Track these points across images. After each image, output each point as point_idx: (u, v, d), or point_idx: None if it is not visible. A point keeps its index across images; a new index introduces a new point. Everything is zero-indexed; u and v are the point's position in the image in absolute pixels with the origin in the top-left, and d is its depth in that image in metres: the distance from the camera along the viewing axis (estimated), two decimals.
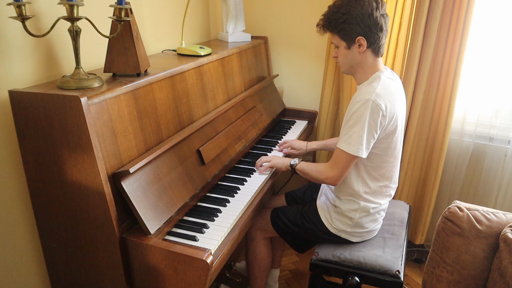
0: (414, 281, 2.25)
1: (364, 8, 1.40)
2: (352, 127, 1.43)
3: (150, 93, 1.41)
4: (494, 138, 2.10)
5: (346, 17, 1.42)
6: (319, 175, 1.55)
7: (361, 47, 1.45)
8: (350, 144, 1.43)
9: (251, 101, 2.14)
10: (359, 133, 1.41)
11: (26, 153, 1.25)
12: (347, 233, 1.61)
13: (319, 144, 1.99)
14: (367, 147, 1.44)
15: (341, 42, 1.48)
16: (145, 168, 1.30)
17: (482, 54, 2.04)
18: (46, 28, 1.24)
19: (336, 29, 1.46)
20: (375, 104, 1.39)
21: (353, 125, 1.43)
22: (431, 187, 2.19)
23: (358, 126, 1.41)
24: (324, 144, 1.98)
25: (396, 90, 1.50)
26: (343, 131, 1.47)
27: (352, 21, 1.42)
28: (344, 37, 1.46)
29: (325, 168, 1.53)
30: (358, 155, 1.43)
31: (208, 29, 2.49)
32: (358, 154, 1.43)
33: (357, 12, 1.41)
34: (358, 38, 1.43)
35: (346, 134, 1.45)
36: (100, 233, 1.23)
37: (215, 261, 1.21)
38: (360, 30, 1.42)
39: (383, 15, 1.44)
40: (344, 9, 1.42)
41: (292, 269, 2.35)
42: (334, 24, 1.46)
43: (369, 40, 1.44)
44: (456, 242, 1.34)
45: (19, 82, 1.29)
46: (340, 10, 1.43)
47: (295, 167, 1.65)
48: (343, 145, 1.45)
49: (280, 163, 1.73)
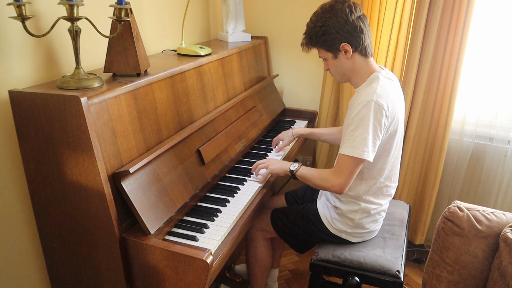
0: (414, 281, 2.25)
1: (339, 16, 1.42)
2: (355, 130, 1.39)
3: (150, 93, 1.41)
4: (494, 138, 2.10)
5: (324, 29, 1.44)
6: (323, 183, 1.48)
7: (347, 53, 1.46)
8: (355, 147, 1.39)
9: (251, 101, 2.14)
10: (363, 135, 1.38)
11: (26, 153, 1.25)
12: (347, 233, 1.61)
13: (308, 132, 1.99)
14: (373, 150, 1.40)
15: (327, 53, 1.49)
16: (145, 168, 1.30)
17: (482, 54, 2.04)
18: (46, 28, 1.24)
19: (319, 42, 1.48)
20: (378, 104, 1.37)
21: (355, 128, 1.39)
22: (431, 187, 2.19)
23: (361, 128, 1.38)
24: (312, 131, 1.99)
25: (395, 90, 1.50)
26: (345, 136, 1.43)
27: (331, 31, 1.43)
28: (328, 48, 1.47)
29: (330, 176, 1.46)
30: (364, 158, 1.38)
31: (208, 29, 2.49)
32: (364, 157, 1.38)
33: (333, 21, 1.42)
34: (341, 45, 1.44)
35: (349, 139, 1.41)
36: (100, 233, 1.23)
37: (215, 261, 1.21)
38: (342, 37, 1.43)
39: (360, 17, 1.44)
40: (320, 22, 1.45)
41: (292, 269, 2.35)
42: (315, 38, 1.48)
43: (353, 45, 1.44)
44: (456, 242, 1.34)
45: (19, 82, 1.29)
46: (317, 24, 1.46)
47: (295, 172, 1.58)
48: (347, 149, 1.40)
49: (278, 168, 1.65)
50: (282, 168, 1.64)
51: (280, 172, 1.65)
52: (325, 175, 1.49)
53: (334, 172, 1.45)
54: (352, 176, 1.44)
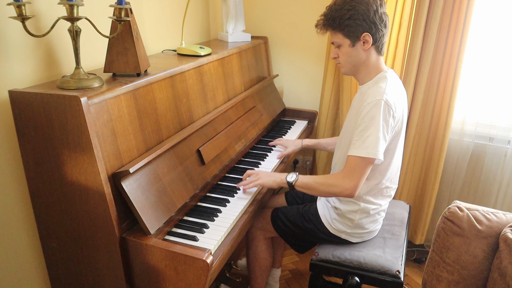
0: (414, 281, 2.25)
1: (369, 5, 1.39)
2: (365, 131, 1.37)
3: (150, 93, 1.41)
4: (494, 138, 2.10)
5: (352, 12, 1.40)
6: (333, 189, 1.42)
7: (366, 44, 1.43)
8: (367, 148, 1.35)
9: (251, 101, 2.14)
10: (375, 135, 1.35)
11: (26, 153, 1.25)
12: (347, 234, 1.61)
13: (314, 142, 1.99)
14: (382, 149, 1.38)
15: (345, 40, 1.45)
16: (145, 168, 1.30)
17: (482, 54, 2.04)
18: (46, 28, 1.24)
19: (341, 26, 1.43)
20: (387, 104, 1.36)
21: (366, 128, 1.37)
22: (431, 187, 2.19)
23: (372, 128, 1.36)
24: (318, 142, 1.98)
25: (400, 90, 1.50)
26: (355, 136, 1.40)
27: (359, 17, 1.39)
28: (349, 34, 1.43)
29: (340, 180, 1.40)
30: (377, 158, 1.36)
31: (208, 29, 2.49)
32: (377, 157, 1.35)
33: (363, 8, 1.39)
34: (363, 34, 1.41)
35: (359, 140, 1.38)
36: (100, 233, 1.23)
37: (215, 261, 1.21)
38: (366, 26, 1.40)
39: (385, 13, 1.44)
40: (349, 5, 1.40)
41: (292, 269, 2.35)
42: (339, 21, 1.42)
43: (374, 37, 1.42)
44: (456, 242, 1.34)
45: (19, 82, 1.29)
46: (345, 7, 1.41)
47: (294, 183, 1.49)
48: (358, 151, 1.37)
49: (270, 181, 1.55)
50: (275, 181, 1.55)
51: (274, 185, 1.56)
52: (333, 180, 1.43)
53: (344, 176, 1.40)
54: (364, 177, 1.40)
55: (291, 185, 1.51)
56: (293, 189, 1.51)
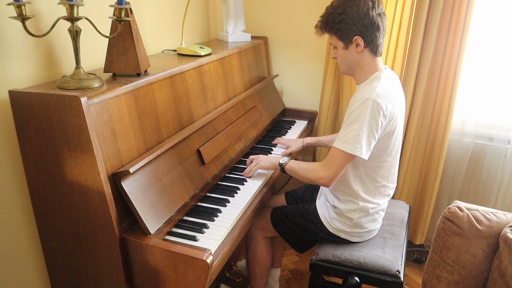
0: (414, 281, 2.25)
1: (360, 8, 1.41)
2: (350, 126, 1.41)
3: (150, 93, 1.41)
4: (494, 138, 2.10)
5: (342, 17, 1.42)
6: (310, 174, 1.50)
7: (358, 47, 1.45)
8: (346, 142, 1.41)
9: (251, 101, 2.14)
10: (357, 132, 1.39)
11: (26, 153, 1.25)
12: (346, 233, 1.61)
13: (315, 140, 2.02)
14: (367, 148, 1.41)
15: (339, 42, 1.48)
16: (145, 168, 1.30)
17: (482, 54, 2.04)
18: (46, 28, 1.24)
19: (333, 29, 1.47)
20: (376, 103, 1.38)
21: (350, 124, 1.41)
22: (431, 187, 2.19)
23: (356, 124, 1.39)
24: (319, 139, 2.01)
25: (396, 90, 1.50)
26: (341, 130, 1.46)
27: (349, 21, 1.42)
28: (341, 37, 1.46)
29: (318, 168, 1.49)
30: (355, 154, 1.40)
31: (208, 29, 2.49)
32: (355, 153, 1.40)
33: (353, 12, 1.41)
34: (355, 37, 1.43)
35: (343, 133, 1.43)
36: (100, 233, 1.23)
37: (215, 261, 1.21)
38: (357, 30, 1.42)
39: (380, 14, 1.44)
40: (340, 9, 1.43)
41: (292, 269, 2.35)
42: (331, 24, 1.46)
43: (366, 40, 1.44)
44: (456, 242, 1.34)
45: (19, 82, 1.29)
46: (337, 10, 1.44)
47: (284, 166, 1.60)
48: (339, 143, 1.43)
49: (268, 163, 1.68)
50: (272, 162, 1.68)
51: (270, 166, 1.69)
52: (313, 167, 1.51)
53: (323, 165, 1.47)
54: (341, 170, 1.45)
55: (282, 166, 1.63)
56: (283, 171, 1.63)
